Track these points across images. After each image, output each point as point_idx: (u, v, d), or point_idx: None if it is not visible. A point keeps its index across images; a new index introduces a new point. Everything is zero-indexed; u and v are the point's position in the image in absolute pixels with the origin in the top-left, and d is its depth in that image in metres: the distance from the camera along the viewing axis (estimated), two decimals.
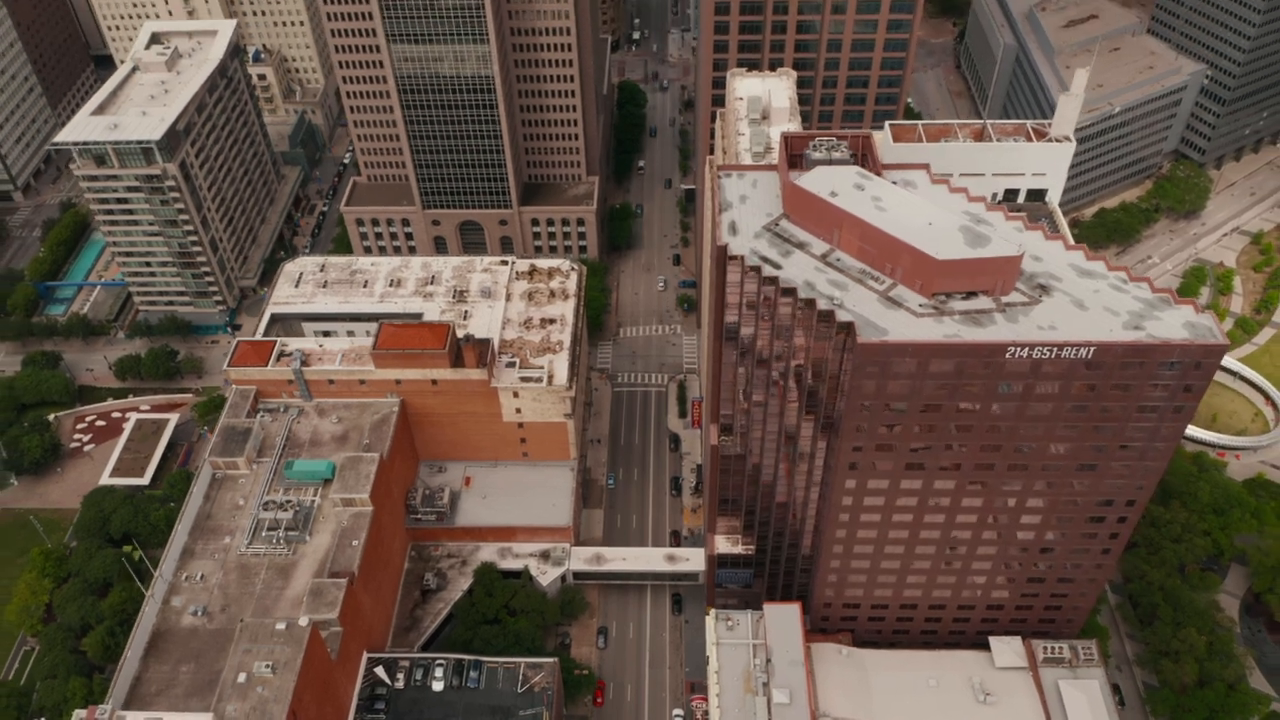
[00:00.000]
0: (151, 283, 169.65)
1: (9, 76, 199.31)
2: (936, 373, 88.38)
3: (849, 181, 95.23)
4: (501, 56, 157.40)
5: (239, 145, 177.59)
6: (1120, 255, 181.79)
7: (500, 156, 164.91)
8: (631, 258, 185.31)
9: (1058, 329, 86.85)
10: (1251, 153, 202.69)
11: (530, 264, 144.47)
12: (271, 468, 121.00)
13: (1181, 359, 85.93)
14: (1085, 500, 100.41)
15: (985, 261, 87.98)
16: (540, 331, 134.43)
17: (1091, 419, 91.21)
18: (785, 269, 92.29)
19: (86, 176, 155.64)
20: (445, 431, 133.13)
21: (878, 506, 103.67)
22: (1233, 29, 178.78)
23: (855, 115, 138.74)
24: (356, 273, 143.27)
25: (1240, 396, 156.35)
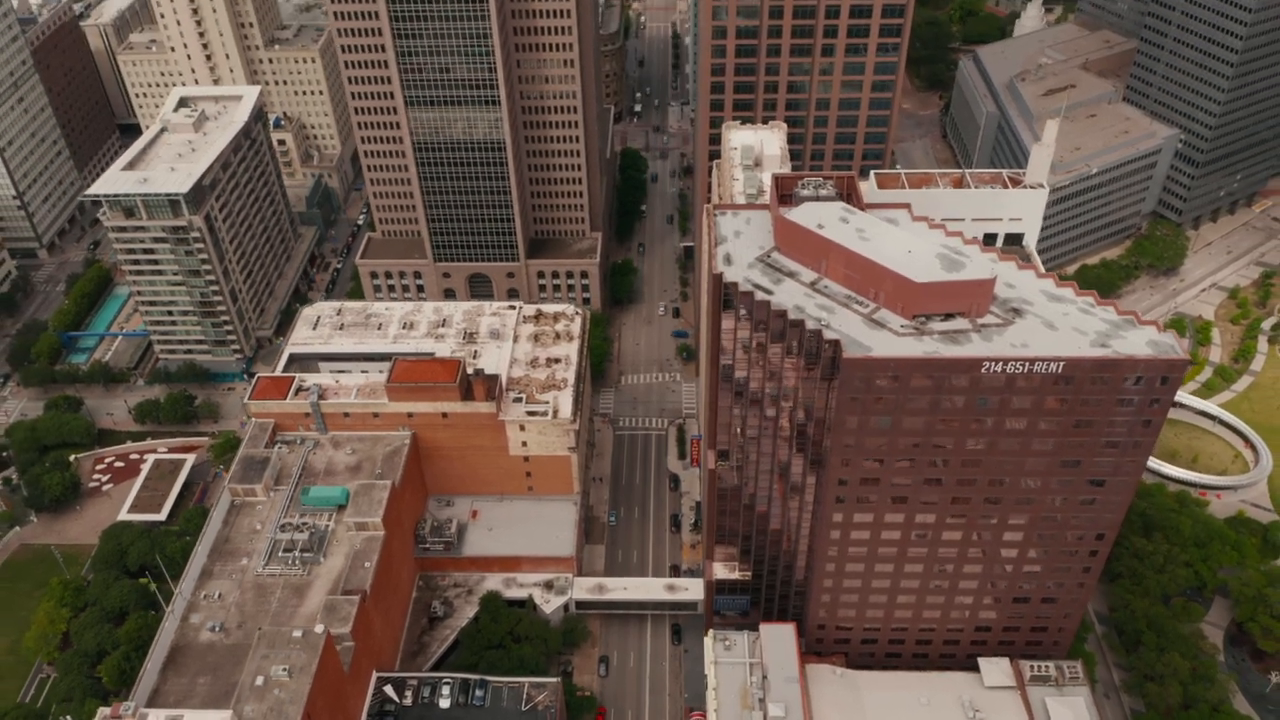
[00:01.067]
0: (172, 331, 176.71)
1: (39, 139, 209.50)
2: (918, 389, 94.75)
3: (835, 215, 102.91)
4: (512, 121, 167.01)
5: (259, 203, 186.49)
6: None
7: (509, 212, 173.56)
8: (633, 310, 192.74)
9: (1030, 346, 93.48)
10: (1227, 214, 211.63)
11: (537, 309, 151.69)
12: (288, 494, 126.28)
13: (1146, 373, 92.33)
14: (1064, 518, 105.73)
15: (961, 284, 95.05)
16: (546, 370, 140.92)
17: (1065, 434, 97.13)
18: (776, 295, 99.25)
19: (116, 227, 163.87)
20: (454, 465, 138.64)
21: (864, 540, 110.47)
22: (1203, 95, 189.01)
23: (844, 166, 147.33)
24: (371, 316, 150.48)
25: (1221, 440, 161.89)
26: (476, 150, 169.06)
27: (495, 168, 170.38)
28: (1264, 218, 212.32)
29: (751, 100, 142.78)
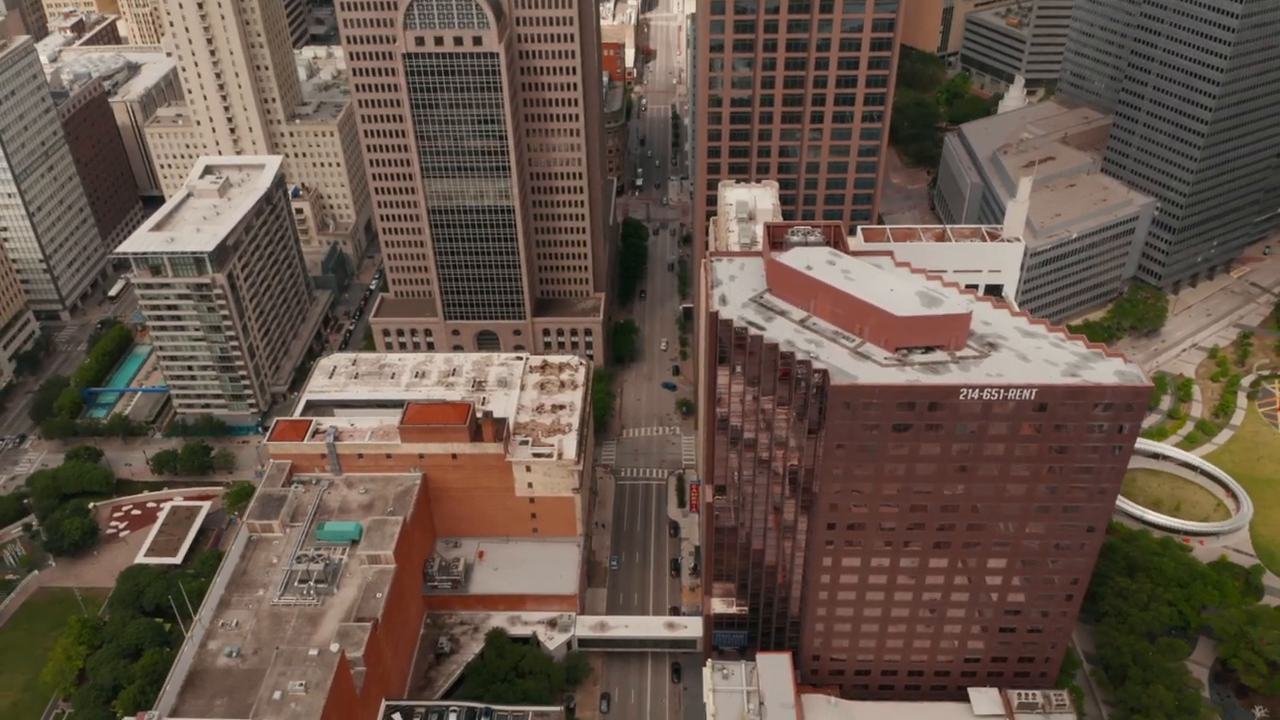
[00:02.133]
0: (191, 385, 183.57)
1: (66, 206, 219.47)
2: (900, 422, 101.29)
3: (822, 258, 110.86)
4: (521, 189, 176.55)
5: (278, 265, 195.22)
6: None
7: (517, 272, 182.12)
8: (634, 369, 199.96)
9: (1004, 376, 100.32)
10: (1206, 279, 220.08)
11: (543, 359, 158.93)
12: (304, 530, 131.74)
13: (1114, 399, 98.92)
14: (1043, 546, 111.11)
15: (939, 319, 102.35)
16: (551, 416, 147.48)
17: (1040, 459, 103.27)
18: (769, 331, 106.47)
19: (142, 284, 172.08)
20: (462, 506, 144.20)
21: (853, 578, 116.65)
22: (1177, 165, 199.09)
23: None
24: (385, 366, 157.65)
25: (1203, 490, 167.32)
26: (487, 215, 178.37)
27: (505, 230, 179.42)
28: (1242, 283, 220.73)
29: (746, 164, 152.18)
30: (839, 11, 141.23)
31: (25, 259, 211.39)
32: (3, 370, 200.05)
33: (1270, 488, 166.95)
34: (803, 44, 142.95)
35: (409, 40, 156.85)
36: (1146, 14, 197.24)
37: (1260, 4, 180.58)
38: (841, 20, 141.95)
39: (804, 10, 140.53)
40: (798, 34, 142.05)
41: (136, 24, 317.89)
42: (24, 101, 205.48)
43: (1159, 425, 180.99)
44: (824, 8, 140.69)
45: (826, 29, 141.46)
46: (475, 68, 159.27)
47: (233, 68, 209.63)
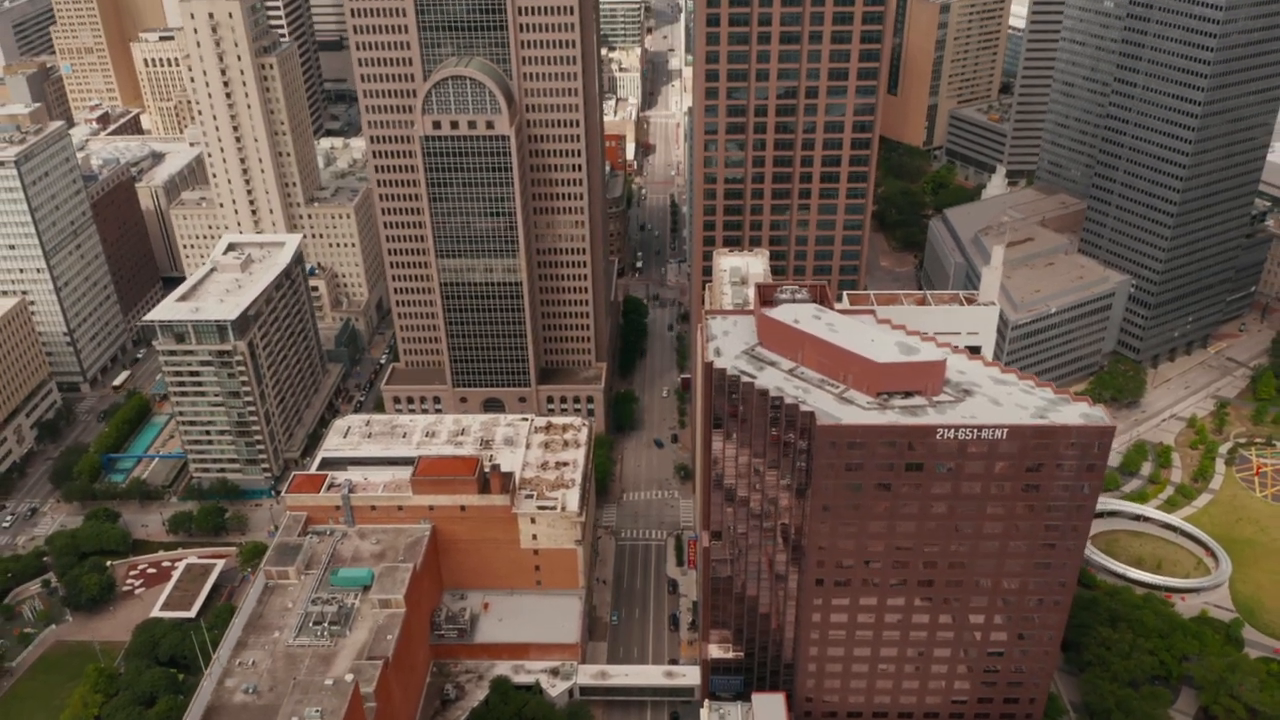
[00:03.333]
0: (208, 450, 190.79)
1: (91, 283, 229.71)
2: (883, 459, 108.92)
3: (809, 313, 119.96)
4: (528, 266, 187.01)
5: (295, 337, 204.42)
6: None
7: (523, 342, 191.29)
8: (634, 436, 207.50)
9: (978, 418, 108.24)
10: (1185, 354, 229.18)
11: (547, 420, 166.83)
12: (318, 577, 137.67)
13: (1079, 439, 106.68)
14: (1021, 584, 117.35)
15: (917, 365, 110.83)
16: (555, 472, 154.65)
17: (1014, 497, 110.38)
18: (760, 379, 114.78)
19: (166, 351, 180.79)
20: (468, 558, 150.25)
21: (842, 624, 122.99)
22: (1149, 244, 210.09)
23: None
24: (396, 426, 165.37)
25: (1183, 550, 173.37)
26: (496, 290, 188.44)
27: (512, 303, 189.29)
28: (1219, 358, 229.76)
29: (739, 236, 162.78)
30: (822, 103, 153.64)
31: (50, 332, 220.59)
32: (24, 437, 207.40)
33: (1249, 547, 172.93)
34: (790, 126, 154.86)
35: (427, 124, 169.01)
36: (1115, 104, 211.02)
37: (1222, 93, 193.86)
38: (825, 107, 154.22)
39: (791, 97, 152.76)
40: (785, 117, 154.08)
41: (161, 117, 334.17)
42: (56, 183, 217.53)
43: (1140, 489, 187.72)
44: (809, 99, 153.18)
45: (812, 113, 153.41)
46: (487, 149, 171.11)
47: (256, 154, 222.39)
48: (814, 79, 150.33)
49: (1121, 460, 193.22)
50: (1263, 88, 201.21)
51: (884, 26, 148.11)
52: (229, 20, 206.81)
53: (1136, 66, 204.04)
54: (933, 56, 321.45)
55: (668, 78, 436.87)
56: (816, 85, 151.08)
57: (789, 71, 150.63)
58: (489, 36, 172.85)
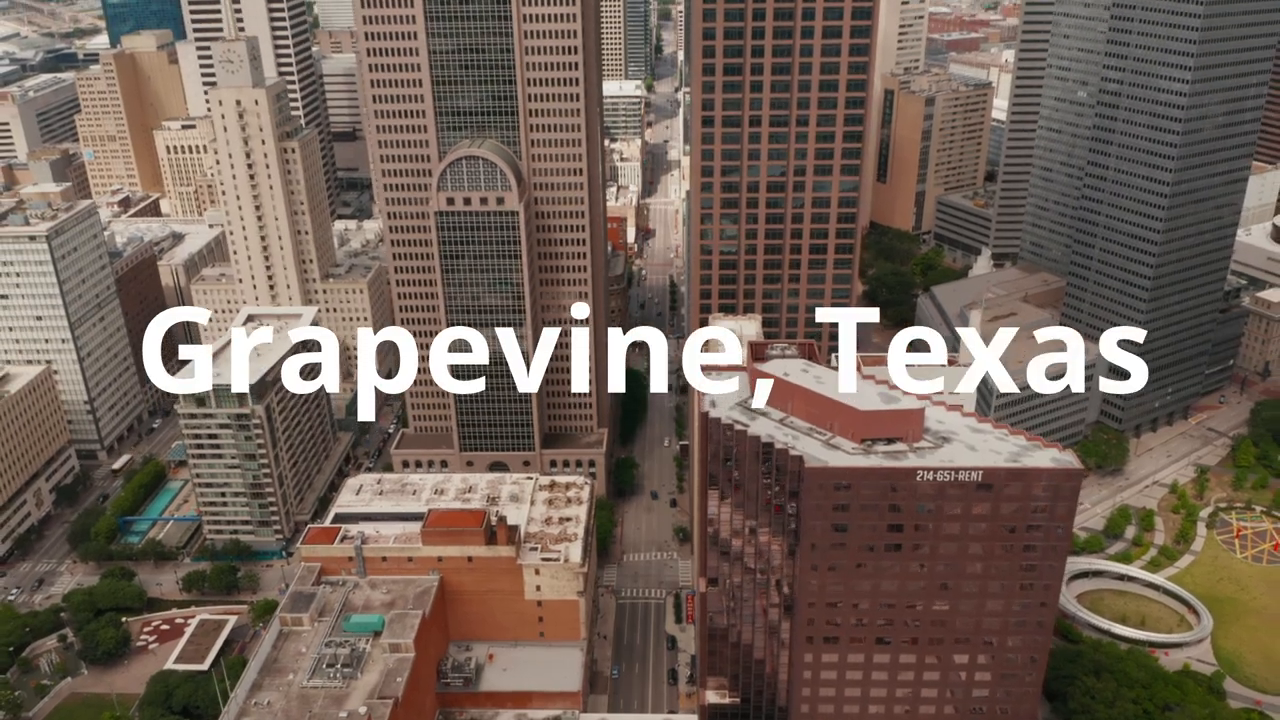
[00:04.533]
0: (223, 511, 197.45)
1: (112, 354, 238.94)
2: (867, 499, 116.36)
3: (798, 367, 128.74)
4: (534, 337, 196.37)
5: (308, 405, 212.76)
6: None
7: (528, 407, 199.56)
8: (634, 501, 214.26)
9: (955, 461, 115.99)
10: (1166, 424, 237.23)
11: (551, 479, 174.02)
12: (331, 623, 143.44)
13: (1050, 481, 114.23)
14: (1001, 624, 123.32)
15: (898, 412, 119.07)
16: (558, 526, 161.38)
17: (992, 538, 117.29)
18: (752, 427, 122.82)
19: (187, 414, 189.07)
20: (475, 609, 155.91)
21: (833, 677, 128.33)
22: (1126, 318, 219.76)
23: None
24: (407, 485, 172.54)
25: (1166, 607, 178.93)
26: (503, 365, 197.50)
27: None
28: (1200, 428, 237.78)
29: (734, 303, 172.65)
30: (810, 181, 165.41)
31: (72, 400, 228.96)
32: (43, 501, 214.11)
33: (1230, 605, 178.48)
34: (780, 202, 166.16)
35: (441, 200, 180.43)
36: (1089, 187, 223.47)
37: (1188, 174, 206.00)
38: (813, 184, 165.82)
39: (780, 175, 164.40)
40: (775, 194, 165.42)
41: (180, 201, 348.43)
42: (84, 257, 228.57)
43: (1125, 551, 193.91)
44: (797, 177, 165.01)
45: (800, 189, 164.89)
46: (498, 224, 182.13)
47: (276, 231, 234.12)
48: (801, 158, 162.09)
49: (1106, 523, 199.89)
50: (1228, 170, 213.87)
51: (865, 112, 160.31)
52: (255, 107, 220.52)
53: (1108, 151, 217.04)
54: (919, 146, 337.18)
55: (666, 167, 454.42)
56: (804, 164, 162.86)
57: (779, 152, 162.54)
58: (501, 121, 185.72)
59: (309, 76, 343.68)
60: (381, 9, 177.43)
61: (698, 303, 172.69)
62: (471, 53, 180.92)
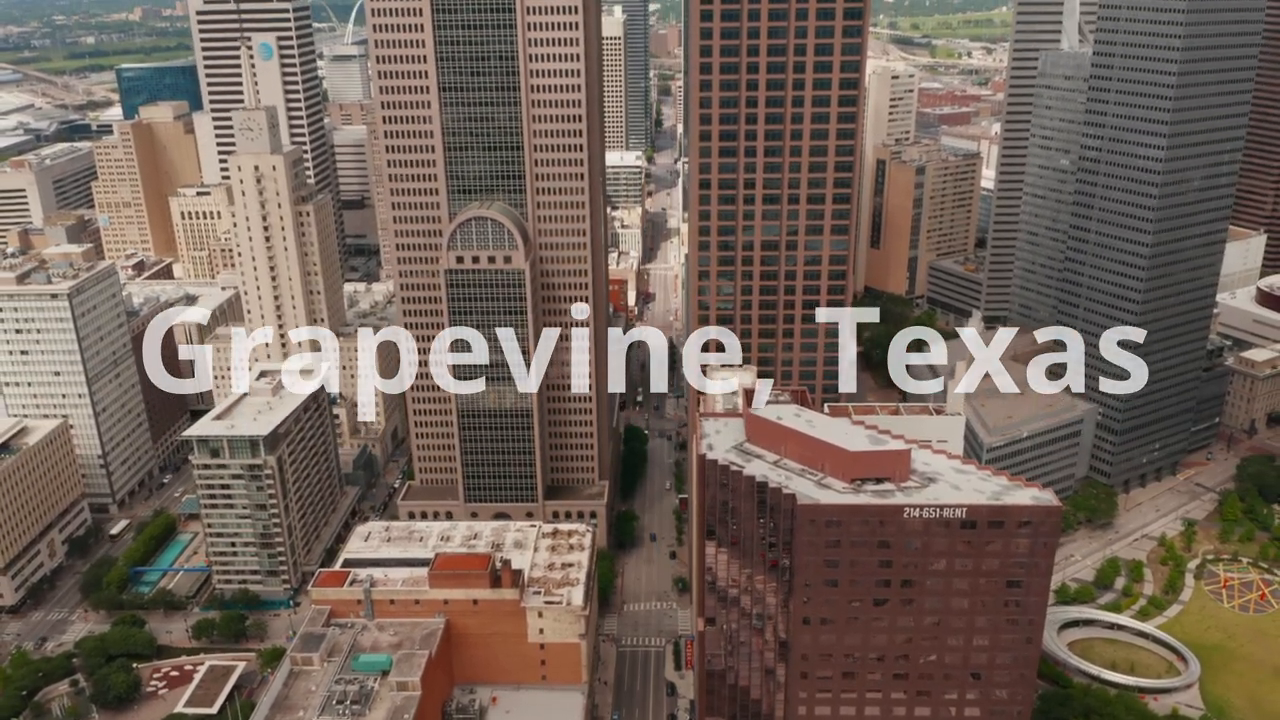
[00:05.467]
0: (232, 561, 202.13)
1: (126, 410, 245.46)
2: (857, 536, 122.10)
3: (791, 412, 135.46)
4: (539, 398, 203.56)
5: (317, 457, 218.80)
6: None
7: (531, 459, 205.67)
8: (635, 554, 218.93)
9: (940, 499, 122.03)
10: (1155, 480, 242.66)
11: (554, 527, 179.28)
12: (340, 663, 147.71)
13: (1030, 518, 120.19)
14: (989, 659, 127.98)
15: (885, 453, 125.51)
16: (561, 571, 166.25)
17: (976, 574, 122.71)
18: (747, 468, 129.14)
19: (201, 465, 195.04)
20: (479, 652, 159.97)
21: (826, 714, 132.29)
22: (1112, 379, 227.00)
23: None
24: (414, 532, 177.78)
25: (1155, 655, 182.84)
26: (508, 416, 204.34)
27: (523, 429, 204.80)
28: (1188, 484, 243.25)
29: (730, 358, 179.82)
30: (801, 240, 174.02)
31: (86, 454, 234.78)
32: (56, 552, 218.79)
33: (1218, 652, 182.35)
34: (774, 259, 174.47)
35: (450, 259, 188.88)
36: (1072, 249, 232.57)
37: (1167, 235, 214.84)
38: (805, 243, 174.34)
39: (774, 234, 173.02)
40: (769, 252, 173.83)
41: (193, 265, 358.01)
42: (103, 315, 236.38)
43: (1114, 601, 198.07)
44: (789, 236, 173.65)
45: (793, 248, 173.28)
46: (505, 281, 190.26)
47: (290, 291, 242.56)
48: (794, 218, 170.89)
49: (1096, 574, 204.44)
50: (1206, 231, 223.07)
51: (853, 175, 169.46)
52: (273, 172, 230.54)
53: (1089, 215, 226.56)
54: (911, 214, 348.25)
55: (666, 234, 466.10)
56: (796, 224, 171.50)
57: (772, 212, 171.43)
58: (509, 185, 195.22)
59: (321, 146, 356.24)
60: (399, 80, 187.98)
61: (695, 356, 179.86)
62: (482, 121, 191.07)
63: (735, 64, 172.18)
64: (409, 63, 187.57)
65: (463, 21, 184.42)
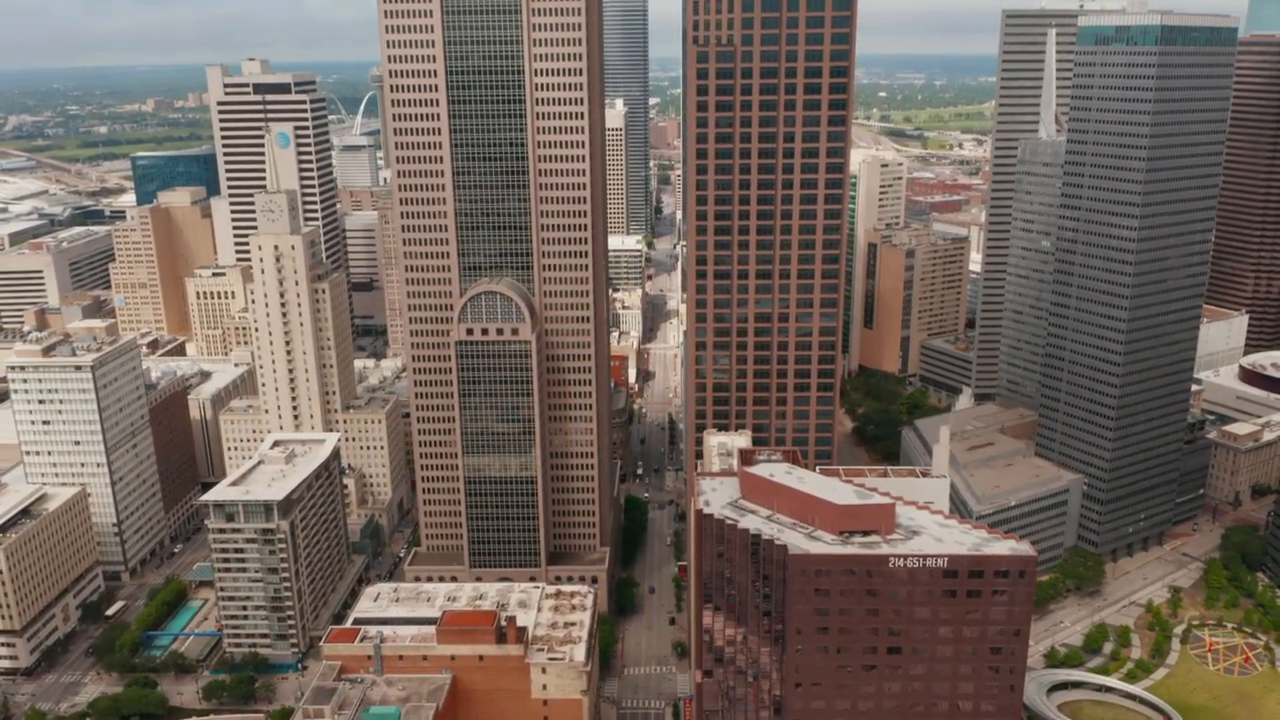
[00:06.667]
0: (244, 625, 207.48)
1: (141, 480, 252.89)
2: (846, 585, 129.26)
3: (782, 470, 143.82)
4: (543, 465, 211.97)
5: (327, 525, 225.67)
6: (1038, 621, 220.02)
7: (535, 524, 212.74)
8: (635, 620, 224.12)
9: (924, 550, 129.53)
10: (1142, 550, 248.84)
11: (556, 589, 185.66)
12: (350, 716, 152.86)
13: (1008, 567, 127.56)
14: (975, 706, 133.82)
15: (870, 506, 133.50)
16: (563, 630, 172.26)
17: (958, 622, 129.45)
18: (742, 522, 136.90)
19: (217, 529, 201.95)
20: (484, 709, 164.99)
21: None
22: (1095, 446, 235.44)
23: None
24: (421, 593, 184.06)
25: (1143, 716, 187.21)
26: (513, 484, 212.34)
27: (526, 496, 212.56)
28: (1175, 554, 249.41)
29: (726, 423, 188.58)
30: (793, 312, 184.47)
31: (101, 522, 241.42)
32: (69, 616, 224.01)
33: (1204, 714, 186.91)
34: (768, 331, 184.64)
35: (461, 330, 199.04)
36: (1054, 325, 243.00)
37: (1143, 311, 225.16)
38: (796, 316, 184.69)
39: (767, 306, 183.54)
40: (763, 323, 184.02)
41: (206, 343, 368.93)
42: (123, 388, 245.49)
43: (1103, 665, 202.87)
44: (781, 310, 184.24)
45: (784, 319, 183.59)
46: (512, 352, 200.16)
47: (304, 365, 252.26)
48: (785, 292, 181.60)
49: (1084, 639, 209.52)
50: (1181, 307, 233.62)
51: (839, 251, 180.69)
52: (291, 251, 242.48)
53: (1069, 293, 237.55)
54: (902, 295, 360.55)
55: (665, 316, 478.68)
56: (787, 297, 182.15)
57: (764, 286, 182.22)
58: (517, 262, 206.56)
59: (333, 229, 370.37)
60: (416, 164, 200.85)
61: (693, 422, 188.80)
62: (493, 203, 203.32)
63: (729, 149, 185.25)
64: (425, 149, 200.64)
65: (476, 112, 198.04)
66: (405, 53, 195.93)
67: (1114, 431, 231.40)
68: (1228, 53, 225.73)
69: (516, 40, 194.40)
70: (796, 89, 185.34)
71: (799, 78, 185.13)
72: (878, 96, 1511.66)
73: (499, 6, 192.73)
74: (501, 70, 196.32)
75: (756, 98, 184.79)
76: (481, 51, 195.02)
